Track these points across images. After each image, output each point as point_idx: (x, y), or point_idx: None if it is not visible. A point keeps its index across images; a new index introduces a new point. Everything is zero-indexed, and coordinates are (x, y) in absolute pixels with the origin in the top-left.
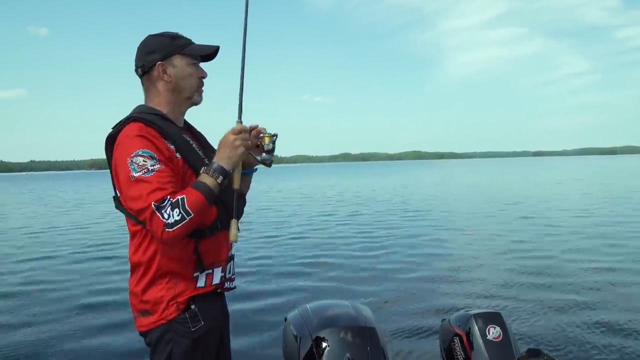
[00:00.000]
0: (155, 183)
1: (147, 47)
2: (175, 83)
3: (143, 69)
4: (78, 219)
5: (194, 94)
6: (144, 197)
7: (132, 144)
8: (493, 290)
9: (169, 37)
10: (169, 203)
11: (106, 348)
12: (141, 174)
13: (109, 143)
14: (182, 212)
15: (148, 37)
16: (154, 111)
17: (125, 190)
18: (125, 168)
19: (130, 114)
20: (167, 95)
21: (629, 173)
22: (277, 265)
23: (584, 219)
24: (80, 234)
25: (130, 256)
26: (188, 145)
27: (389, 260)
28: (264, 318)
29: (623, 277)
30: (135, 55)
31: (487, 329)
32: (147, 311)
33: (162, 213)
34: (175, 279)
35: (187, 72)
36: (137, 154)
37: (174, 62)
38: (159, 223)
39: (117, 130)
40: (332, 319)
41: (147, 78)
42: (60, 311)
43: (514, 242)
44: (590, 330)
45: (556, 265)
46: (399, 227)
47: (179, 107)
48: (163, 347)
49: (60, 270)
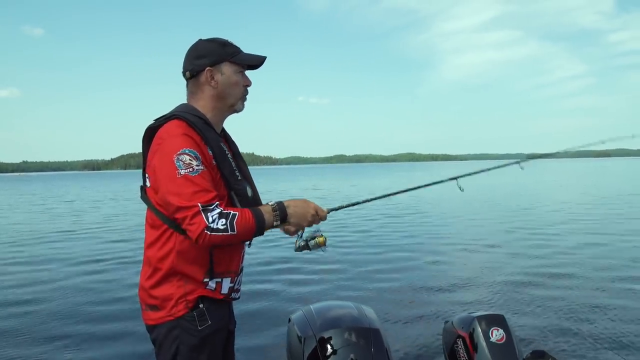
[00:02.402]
0: (202, 184)
1: (198, 51)
2: (222, 90)
3: (192, 72)
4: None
5: (238, 101)
6: (189, 195)
7: (179, 141)
8: (496, 293)
9: (219, 43)
10: (219, 211)
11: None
12: (187, 172)
13: (147, 134)
14: (227, 225)
15: (199, 41)
16: (197, 113)
17: (167, 185)
18: (170, 164)
19: (174, 111)
20: (212, 101)
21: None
22: (281, 265)
23: (588, 218)
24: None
25: (145, 249)
26: (224, 154)
27: (392, 261)
28: (267, 319)
29: (630, 279)
30: (184, 57)
31: (490, 331)
32: (155, 306)
33: (208, 216)
34: (185, 279)
35: (234, 80)
36: (184, 151)
37: (223, 69)
38: (202, 224)
39: (160, 124)
40: (336, 320)
41: (194, 82)
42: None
43: (518, 245)
44: (595, 333)
45: (560, 268)
46: (403, 228)
47: (221, 113)
48: (170, 344)
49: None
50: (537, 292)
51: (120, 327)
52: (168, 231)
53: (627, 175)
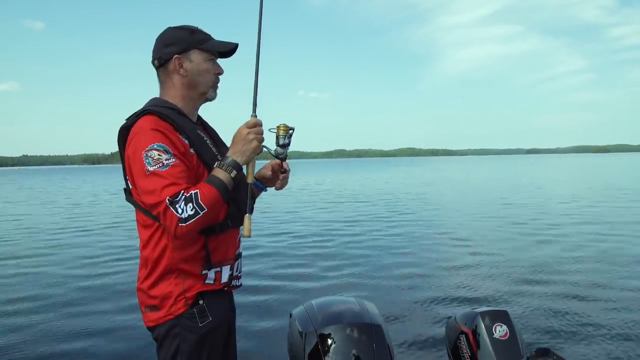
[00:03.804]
0: (170, 178)
1: (166, 39)
2: (191, 78)
3: (160, 60)
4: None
5: (209, 89)
6: (158, 191)
7: (147, 137)
8: (500, 289)
9: (188, 30)
10: (183, 198)
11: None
12: (156, 167)
13: (122, 135)
14: (195, 207)
15: (167, 29)
16: (168, 105)
17: (139, 183)
18: (140, 162)
19: (145, 107)
20: (181, 90)
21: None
22: (282, 260)
23: (596, 213)
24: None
25: (141, 249)
26: (202, 141)
27: (395, 256)
28: (269, 314)
29: (638, 274)
30: (153, 46)
31: (493, 327)
32: (155, 306)
33: (177, 208)
34: (183, 275)
35: (204, 67)
36: (152, 147)
37: (191, 56)
38: (173, 218)
39: (131, 122)
40: (338, 315)
41: (163, 71)
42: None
43: (523, 240)
44: (600, 330)
45: (566, 264)
46: (405, 223)
47: (193, 102)
48: (170, 342)
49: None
50: (542, 288)
51: (120, 324)
52: (160, 228)
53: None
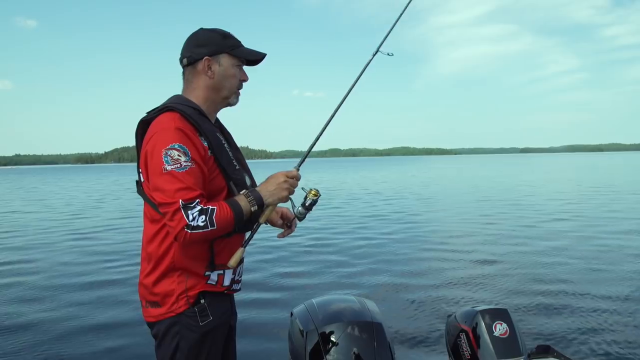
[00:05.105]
0: (186, 181)
1: (198, 40)
2: (218, 81)
3: (189, 59)
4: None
5: (232, 95)
6: (172, 192)
7: (170, 136)
8: (500, 287)
9: (221, 34)
10: (199, 208)
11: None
12: (173, 167)
13: (141, 127)
14: (207, 221)
15: (200, 30)
16: (191, 104)
17: (154, 180)
18: (158, 158)
19: (167, 103)
20: (206, 91)
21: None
22: (283, 259)
23: (594, 212)
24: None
25: (145, 245)
26: (220, 145)
27: (395, 255)
28: (269, 312)
29: (637, 272)
30: (183, 44)
31: (493, 325)
32: (156, 302)
33: (188, 214)
34: (187, 274)
35: (231, 72)
36: (172, 146)
37: (221, 60)
38: (181, 221)
39: (153, 116)
40: (338, 314)
41: (191, 70)
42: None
43: (522, 239)
44: (600, 327)
45: (565, 263)
46: (406, 221)
47: (215, 105)
48: (170, 340)
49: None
50: (542, 286)
51: (120, 321)
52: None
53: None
